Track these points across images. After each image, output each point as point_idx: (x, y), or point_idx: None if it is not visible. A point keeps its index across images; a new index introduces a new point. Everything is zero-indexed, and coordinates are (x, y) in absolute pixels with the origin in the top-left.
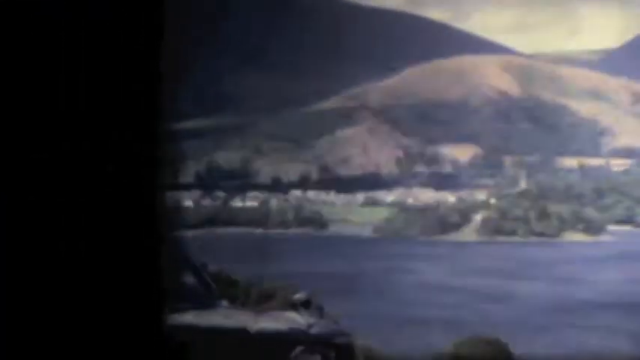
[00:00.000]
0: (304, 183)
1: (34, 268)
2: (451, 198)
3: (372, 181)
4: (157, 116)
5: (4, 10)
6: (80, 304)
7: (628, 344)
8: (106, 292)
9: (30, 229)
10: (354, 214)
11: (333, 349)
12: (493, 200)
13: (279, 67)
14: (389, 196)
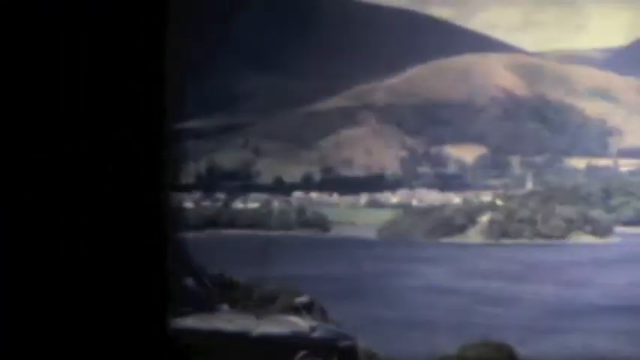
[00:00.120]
0: (307, 184)
1: (34, 268)
2: (456, 199)
3: (375, 183)
4: (158, 116)
5: (4, 10)
6: (81, 305)
7: (636, 348)
8: (108, 294)
9: (30, 229)
10: (357, 215)
11: (336, 353)
12: (499, 201)
13: (281, 66)
14: (393, 198)
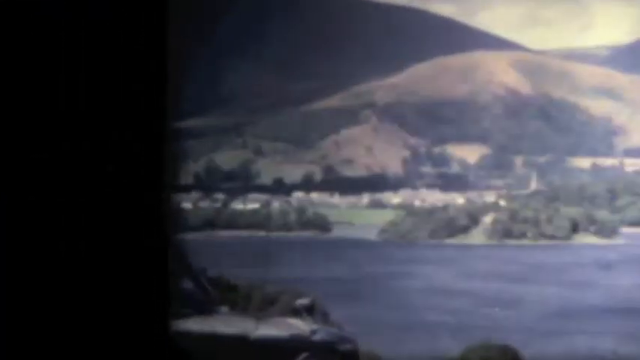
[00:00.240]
0: (307, 184)
1: (34, 268)
2: (459, 200)
3: (377, 183)
4: (159, 116)
5: (4, 10)
6: (81, 305)
7: None
8: (109, 295)
9: (30, 229)
10: (358, 216)
11: (337, 356)
12: (503, 202)
13: (280, 64)
14: (395, 198)
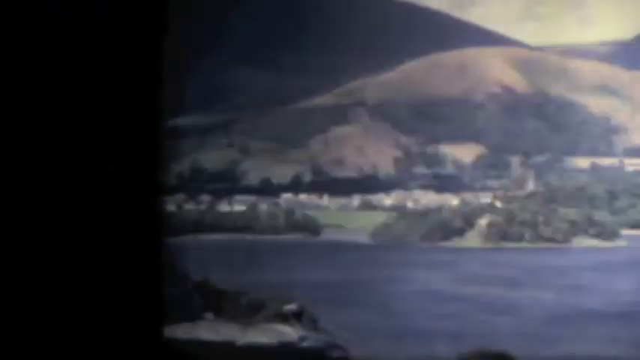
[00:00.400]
0: (296, 185)
1: (34, 268)
2: (454, 201)
3: (368, 184)
4: (158, 116)
5: (4, 10)
6: (80, 305)
7: None
8: (106, 295)
9: (30, 229)
10: (349, 218)
11: None
12: (499, 203)
13: (268, 61)
14: (387, 200)
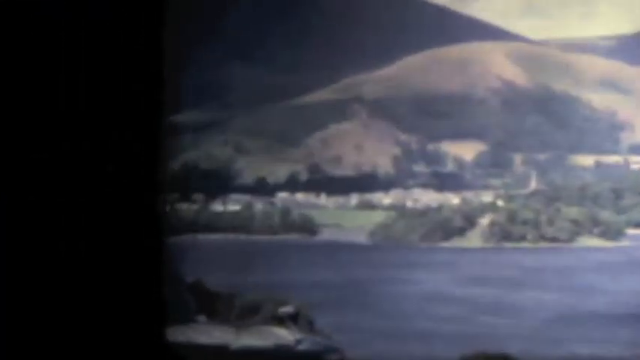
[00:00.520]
0: (292, 184)
1: (34, 268)
2: (454, 200)
3: (367, 182)
4: (157, 116)
5: (4, 10)
6: (80, 305)
7: None
8: (106, 295)
9: (30, 229)
10: (347, 218)
11: None
12: (500, 202)
13: (264, 57)
14: (386, 199)
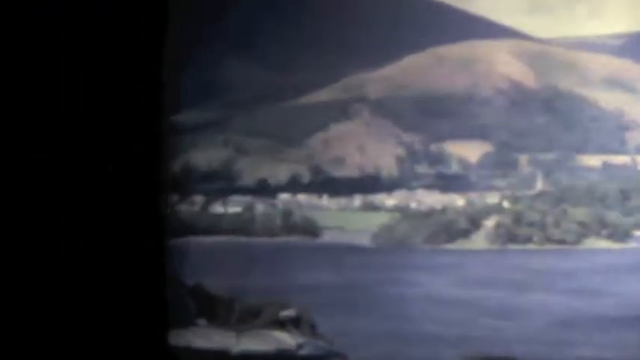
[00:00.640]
0: (294, 185)
1: (34, 268)
2: (459, 201)
3: (370, 183)
4: (157, 116)
5: (4, 10)
6: (80, 306)
7: None
8: (107, 296)
9: (30, 229)
10: (349, 220)
11: None
12: (506, 203)
13: (264, 55)
14: (389, 200)
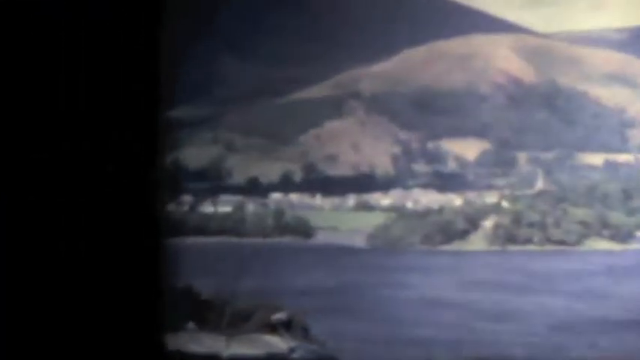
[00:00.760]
0: (286, 184)
1: (34, 268)
2: (456, 201)
3: (364, 182)
4: (156, 114)
5: (4, 10)
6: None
7: None
8: (106, 295)
9: (30, 229)
10: (344, 220)
11: None
12: (505, 203)
13: (255, 51)
14: (385, 200)
